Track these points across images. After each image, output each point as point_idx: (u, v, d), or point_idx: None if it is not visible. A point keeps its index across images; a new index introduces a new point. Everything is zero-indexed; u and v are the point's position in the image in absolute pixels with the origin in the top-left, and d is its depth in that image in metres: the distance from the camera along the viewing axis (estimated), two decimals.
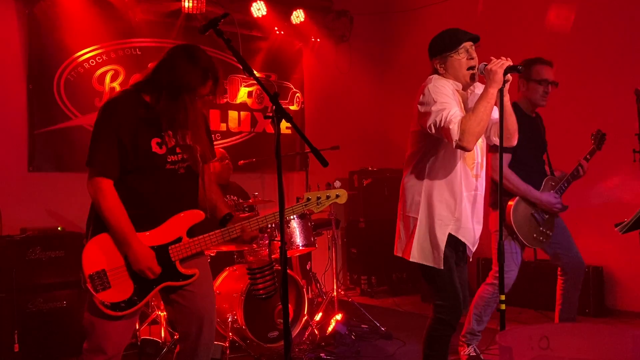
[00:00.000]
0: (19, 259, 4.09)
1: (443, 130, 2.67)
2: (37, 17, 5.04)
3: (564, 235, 3.87)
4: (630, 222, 2.61)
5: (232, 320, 4.20)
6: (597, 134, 4.05)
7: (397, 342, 4.49)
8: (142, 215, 2.50)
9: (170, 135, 2.54)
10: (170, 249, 2.52)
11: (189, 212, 2.57)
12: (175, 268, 2.53)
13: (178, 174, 2.56)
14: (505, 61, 2.66)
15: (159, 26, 5.67)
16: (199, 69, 2.51)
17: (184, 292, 2.59)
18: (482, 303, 3.76)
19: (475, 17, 6.15)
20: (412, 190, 2.94)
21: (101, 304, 2.42)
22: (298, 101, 6.72)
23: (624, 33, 5.15)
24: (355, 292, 6.56)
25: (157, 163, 2.50)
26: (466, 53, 2.82)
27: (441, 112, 2.68)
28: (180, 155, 2.56)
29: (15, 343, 3.95)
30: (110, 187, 2.45)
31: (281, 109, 2.27)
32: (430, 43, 2.93)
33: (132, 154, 2.45)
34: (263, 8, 5.99)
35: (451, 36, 2.85)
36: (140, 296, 2.49)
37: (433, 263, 2.86)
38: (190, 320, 2.60)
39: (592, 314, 5.08)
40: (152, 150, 2.49)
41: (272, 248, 4.32)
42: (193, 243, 2.55)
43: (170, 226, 2.54)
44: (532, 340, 1.82)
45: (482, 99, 2.66)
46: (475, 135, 2.64)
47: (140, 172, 2.49)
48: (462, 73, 2.84)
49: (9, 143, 4.96)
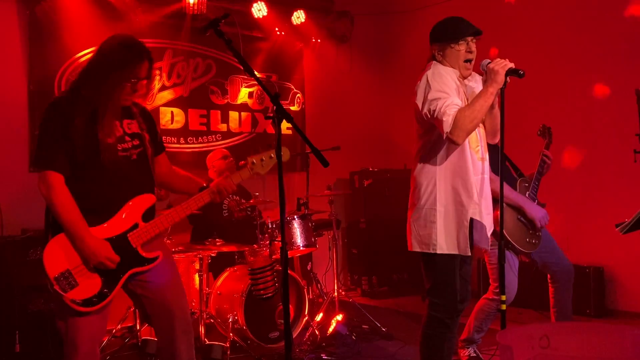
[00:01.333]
0: (20, 260, 4.09)
1: (436, 120, 2.66)
2: (38, 18, 5.04)
3: (550, 242, 3.87)
4: (630, 223, 2.61)
5: (232, 321, 4.20)
6: (543, 129, 4.05)
7: (398, 343, 4.49)
8: (99, 207, 2.52)
9: (117, 125, 2.57)
10: (129, 236, 2.54)
11: (138, 197, 2.59)
12: (138, 254, 2.56)
13: (131, 160, 2.59)
14: (508, 63, 2.65)
15: (160, 27, 5.68)
16: (124, 47, 2.55)
17: (148, 285, 2.61)
18: (482, 316, 3.76)
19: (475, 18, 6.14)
20: (426, 181, 2.84)
21: (72, 302, 2.43)
22: (299, 102, 6.73)
23: (624, 33, 5.15)
24: (356, 293, 6.56)
25: (109, 150, 2.52)
26: (466, 46, 2.81)
27: (436, 100, 2.66)
28: (130, 142, 2.60)
29: (16, 343, 3.95)
30: (61, 182, 2.46)
31: (282, 110, 2.28)
32: (433, 28, 2.91)
33: (81, 146, 2.47)
34: (264, 8, 6.00)
35: (454, 27, 2.84)
36: (109, 288, 2.50)
37: (460, 251, 2.78)
38: (159, 312, 2.63)
39: (592, 314, 5.07)
40: (101, 139, 2.50)
41: (273, 248, 4.32)
42: (150, 226, 2.58)
43: (124, 214, 2.55)
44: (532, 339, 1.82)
45: (480, 97, 2.65)
46: (466, 132, 2.62)
47: (93, 163, 2.50)
48: (459, 64, 2.83)
49: (9, 144, 4.96)
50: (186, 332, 2.67)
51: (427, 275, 2.92)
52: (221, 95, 6.10)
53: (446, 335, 2.92)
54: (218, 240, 4.36)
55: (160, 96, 5.71)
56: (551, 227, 5.78)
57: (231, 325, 4.19)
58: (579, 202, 5.47)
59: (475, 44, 2.86)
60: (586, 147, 5.40)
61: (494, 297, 3.72)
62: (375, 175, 6.62)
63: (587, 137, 5.39)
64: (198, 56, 5.95)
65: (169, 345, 2.64)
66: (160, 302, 2.63)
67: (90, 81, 2.53)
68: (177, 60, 5.81)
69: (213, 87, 6.04)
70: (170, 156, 2.74)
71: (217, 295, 4.50)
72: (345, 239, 6.76)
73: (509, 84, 2.69)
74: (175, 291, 2.69)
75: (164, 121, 5.69)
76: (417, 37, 6.77)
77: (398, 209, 3.08)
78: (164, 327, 2.64)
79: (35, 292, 4.12)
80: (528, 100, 5.77)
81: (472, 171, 2.81)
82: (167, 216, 2.63)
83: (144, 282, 2.62)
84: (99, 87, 2.50)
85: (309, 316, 4.55)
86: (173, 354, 2.63)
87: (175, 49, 5.79)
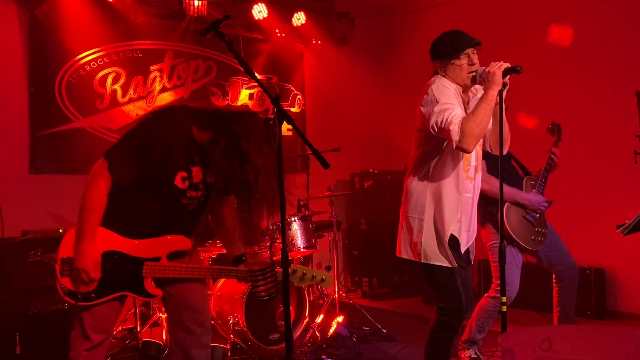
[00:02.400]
0: (21, 261, 4.08)
1: (444, 130, 2.67)
2: (39, 20, 5.05)
3: (556, 241, 3.89)
4: (631, 224, 2.61)
5: (233, 323, 4.20)
6: (553, 126, 4.09)
7: (399, 344, 4.49)
8: (137, 227, 2.48)
9: (199, 170, 2.48)
10: (145, 264, 2.49)
11: (176, 236, 2.54)
12: (142, 283, 2.51)
13: (189, 209, 2.54)
14: (503, 63, 2.65)
15: (161, 28, 5.69)
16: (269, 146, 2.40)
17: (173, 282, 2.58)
18: (484, 315, 3.77)
19: (477, 18, 6.16)
20: (416, 191, 2.94)
21: (60, 287, 2.43)
22: (299, 103, 6.73)
23: (625, 34, 5.15)
24: (357, 294, 6.55)
25: (174, 197, 2.46)
26: (467, 59, 2.82)
27: (443, 112, 2.68)
28: (201, 192, 2.52)
29: (17, 345, 3.94)
30: (107, 184, 2.40)
31: (282, 111, 2.27)
32: (432, 44, 2.92)
33: (153, 174, 2.41)
34: (264, 10, 6.00)
35: (453, 42, 2.84)
36: (98, 295, 2.45)
37: (445, 262, 2.85)
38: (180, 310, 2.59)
39: (593, 316, 5.07)
40: (174, 182, 2.44)
41: (274, 250, 4.32)
42: (170, 266, 2.51)
43: (154, 244, 2.51)
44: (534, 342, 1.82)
45: (481, 101, 2.66)
46: (475, 137, 2.63)
47: (152, 195, 2.46)
48: (463, 76, 2.84)
49: (10, 145, 4.96)
50: (205, 333, 2.64)
51: (430, 282, 2.95)
52: (222, 96, 6.10)
53: (453, 340, 2.95)
54: (219, 242, 4.35)
55: (160, 98, 5.71)
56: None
57: (232, 327, 4.19)
58: (579, 204, 5.47)
59: (477, 54, 2.86)
60: (587, 149, 5.40)
61: (496, 295, 3.72)
62: (376, 177, 6.62)
63: (588, 139, 5.39)
64: (199, 58, 5.95)
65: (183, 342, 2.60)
66: (176, 330, 2.60)
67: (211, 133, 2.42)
68: (177, 62, 5.82)
69: (213, 89, 6.05)
70: None
71: (218, 296, 4.49)
72: (346, 240, 6.76)
73: (512, 88, 2.69)
74: (198, 293, 2.65)
75: None
76: (417, 39, 6.78)
77: (399, 210, 3.11)
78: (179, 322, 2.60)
79: (35, 294, 4.11)
80: (527, 100, 5.78)
81: (459, 189, 2.87)
82: (189, 269, 2.54)
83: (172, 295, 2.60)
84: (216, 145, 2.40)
85: (310, 318, 4.55)
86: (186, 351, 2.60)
87: (176, 50, 5.80)
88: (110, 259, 2.45)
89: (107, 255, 2.45)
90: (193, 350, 2.58)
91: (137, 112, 5.53)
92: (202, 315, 2.64)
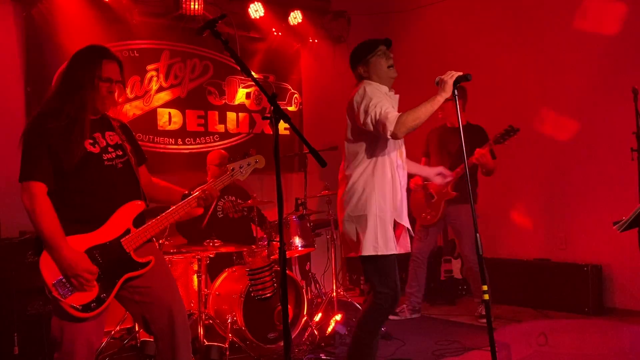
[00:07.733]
0: (18, 262, 4.08)
1: (379, 122, 2.96)
2: (35, 19, 5.04)
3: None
4: (628, 221, 2.62)
5: (231, 321, 4.20)
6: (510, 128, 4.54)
7: (396, 342, 4.49)
8: (89, 216, 2.54)
9: (99, 136, 2.62)
10: (122, 241, 2.57)
11: (128, 204, 2.62)
12: (132, 258, 2.59)
13: (117, 169, 2.63)
14: (455, 73, 2.89)
15: (157, 28, 5.67)
16: (87, 49, 2.69)
17: (146, 290, 2.63)
18: None
19: (472, 17, 6.16)
20: (355, 190, 3.16)
21: (71, 308, 2.44)
22: (296, 102, 6.73)
23: (622, 31, 5.16)
24: (355, 293, 6.56)
25: (96, 163, 2.56)
26: (384, 54, 3.22)
27: (377, 106, 3.00)
28: (114, 152, 2.65)
29: (15, 346, 3.95)
30: (43, 192, 2.47)
31: (279, 110, 2.28)
32: (350, 56, 3.33)
33: (66, 157, 2.49)
34: (260, 9, 6.00)
35: (367, 43, 3.28)
36: (107, 292, 2.52)
37: (391, 251, 3.10)
38: (159, 314, 2.64)
39: (591, 313, 5.07)
40: (88, 150, 2.54)
41: (271, 249, 4.33)
42: (141, 231, 2.62)
43: (115, 221, 2.58)
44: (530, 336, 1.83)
45: (427, 102, 2.94)
46: (408, 129, 2.94)
47: (79, 173, 2.52)
48: (384, 70, 3.21)
49: (6, 146, 4.93)
50: (186, 332, 2.69)
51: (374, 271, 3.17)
52: (219, 96, 6.10)
53: (382, 323, 3.28)
54: (216, 241, 4.35)
55: (157, 97, 5.70)
56: (550, 226, 5.81)
57: (230, 325, 4.19)
58: (576, 200, 5.48)
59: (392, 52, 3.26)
60: (583, 146, 5.41)
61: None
62: None
63: (585, 136, 5.40)
64: (195, 57, 5.95)
65: (169, 345, 2.64)
66: (159, 304, 2.64)
67: (64, 87, 2.58)
68: (174, 61, 5.81)
69: (210, 88, 6.04)
70: (168, 157, 2.75)
71: (216, 296, 4.50)
72: None
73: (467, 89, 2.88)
74: (172, 292, 2.71)
75: (162, 122, 5.69)
76: (413, 37, 6.79)
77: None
78: (164, 328, 2.64)
79: (33, 295, 4.11)
80: (527, 100, 5.79)
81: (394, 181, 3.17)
82: (157, 221, 2.67)
83: (141, 287, 2.63)
84: (73, 93, 2.55)
85: (308, 316, 4.55)
86: (174, 354, 2.64)
87: (173, 49, 5.79)
88: (93, 256, 2.51)
89: (89, 254, 2.50)
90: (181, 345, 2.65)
91: (134, 112, 5.52)
92: (183, 319, 2.70)
